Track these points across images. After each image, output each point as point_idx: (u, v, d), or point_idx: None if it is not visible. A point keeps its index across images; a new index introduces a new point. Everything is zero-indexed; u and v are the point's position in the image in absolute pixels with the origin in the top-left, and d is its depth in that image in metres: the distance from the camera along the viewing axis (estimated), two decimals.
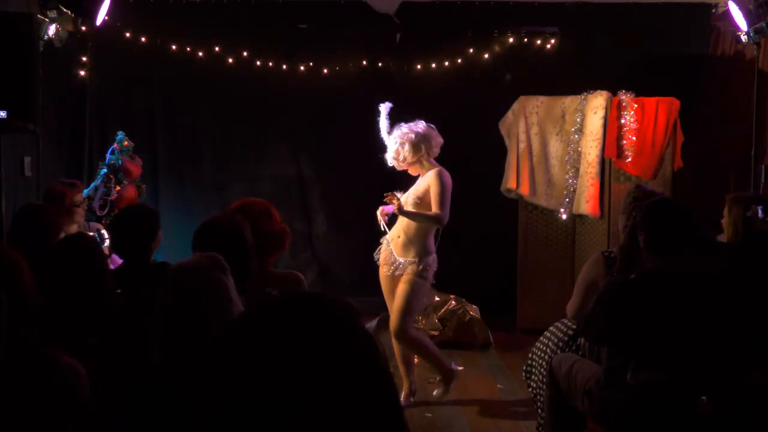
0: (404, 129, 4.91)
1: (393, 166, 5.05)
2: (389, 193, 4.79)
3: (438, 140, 4.94)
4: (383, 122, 5.03)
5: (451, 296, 6.68)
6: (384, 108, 5.06)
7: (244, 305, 2.33)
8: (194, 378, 1.93)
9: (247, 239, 2.98)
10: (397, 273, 4.92)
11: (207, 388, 1.07)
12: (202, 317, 2.11)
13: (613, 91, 6.59)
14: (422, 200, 4.85)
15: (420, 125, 4.93)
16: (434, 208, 4.80)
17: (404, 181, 7.82)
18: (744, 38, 6.39)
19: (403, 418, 1.07)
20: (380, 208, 4.97)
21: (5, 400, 1.88)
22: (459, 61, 7.50)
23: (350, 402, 1.00)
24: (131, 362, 2.37)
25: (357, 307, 1.11)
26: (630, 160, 6.45)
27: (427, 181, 4.87)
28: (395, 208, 4.78)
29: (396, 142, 4.92)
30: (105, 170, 6.32)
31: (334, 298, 1.10)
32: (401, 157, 4.92)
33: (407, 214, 4.81)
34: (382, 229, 4.99)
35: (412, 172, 5.01)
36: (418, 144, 4.86)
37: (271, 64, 7.43)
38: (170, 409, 2.04)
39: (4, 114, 4.72)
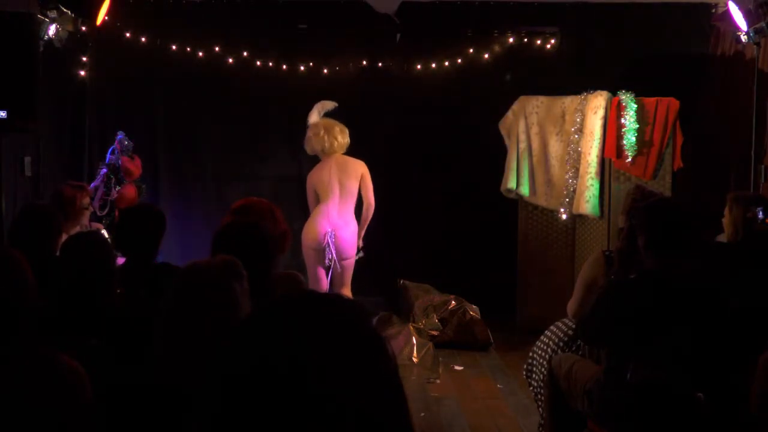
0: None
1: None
2: None
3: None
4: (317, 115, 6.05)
5: (451, 296, 6.68)
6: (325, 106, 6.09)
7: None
8: (194, 379, 1.93)
9: (269, 245, 2.96)
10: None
11: (208, 390, 1.06)
12: (205, 320, 2.10)
13: (613, 91, 6.59)
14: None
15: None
16: None
17: (403, 180, 7.82)
18: (744, 38, 6.38)
19: (410, 423, 1.05)
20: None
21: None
22: (459, 61, 7.50)
23: (357, 405, 0.99)
24: (132, 363, 2.36)
25: (366, 308, 1.09)
26: (630, 160, 6.45)
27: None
28: None
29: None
30: (105, 170, 6.32)
31: (343, 298, 1.08)
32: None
33: None
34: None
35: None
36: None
37: (271, 64, 7.42)
38: (169, 410, 2.04)
39: (4, 114, 4.73)
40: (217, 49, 7.34)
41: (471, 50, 7.47)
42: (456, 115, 7.46)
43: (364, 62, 7.50)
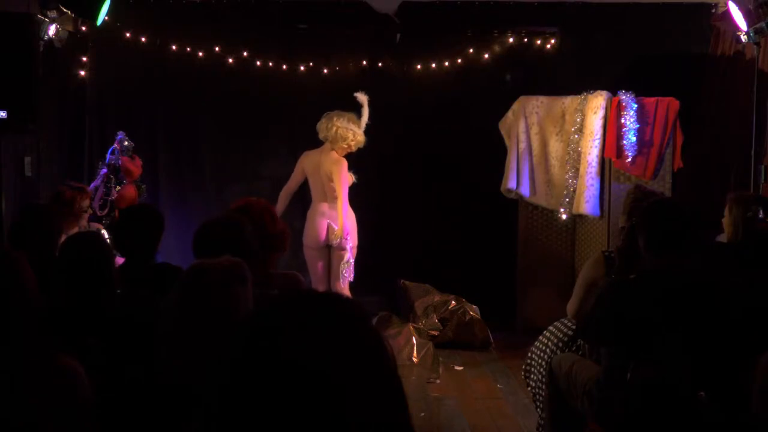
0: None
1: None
2: None
3: None
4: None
5: (451, 296, 6.68)
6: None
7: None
8: (194, 378, 1.93)
9: (248, 240, 2.98)
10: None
11: (209, 388, 1.06)
12: (206, 320, 2.10)
13: (613, 91, 6.59)
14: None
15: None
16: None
17: (403, 180, 7.81)
18: (744, 38, 6.38)
19: (410, 423, 1.04)
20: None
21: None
22: (459, 61, 7.49)
23: (357, 405, 0.98)
24: (131, 362, 2.37)
25: (365, 307, 1.08)
26: (630, 160, 6.45)
27: None
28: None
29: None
30: (105, 170, 6.32)
31: (343, 298, 1.08)
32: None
33: None
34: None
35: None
36: None
37: (271, 64, 7.42)
38: (169, 409, 2.04)
39: (4, 114, 4.73)
40: (217, 49, 7.34)
41: (471, 50, 7.47)
42: (456, 115, 7.45)
43: (364, 62, 7.50)
